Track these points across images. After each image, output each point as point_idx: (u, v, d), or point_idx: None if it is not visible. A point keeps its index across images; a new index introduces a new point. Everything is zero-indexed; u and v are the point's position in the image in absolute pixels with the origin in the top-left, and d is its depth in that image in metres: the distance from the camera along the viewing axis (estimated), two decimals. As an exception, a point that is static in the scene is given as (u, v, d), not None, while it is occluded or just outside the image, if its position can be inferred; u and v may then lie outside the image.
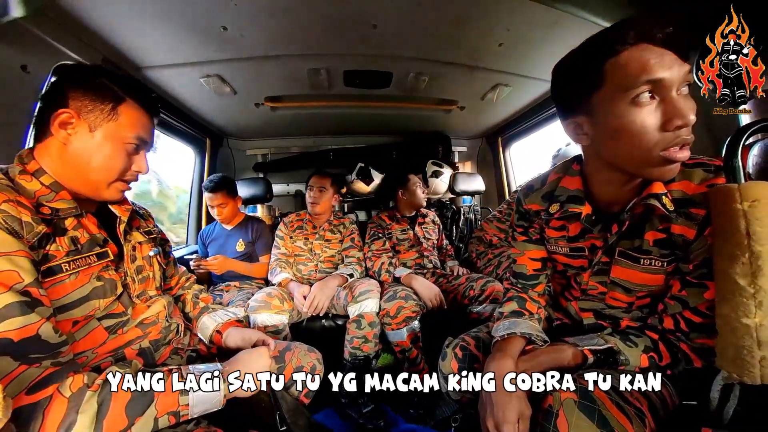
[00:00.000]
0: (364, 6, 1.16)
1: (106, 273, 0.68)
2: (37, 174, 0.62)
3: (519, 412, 0.64)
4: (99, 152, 0.64)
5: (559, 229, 0.81)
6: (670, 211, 0.62)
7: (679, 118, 0.52)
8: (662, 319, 0.69)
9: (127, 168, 0.68)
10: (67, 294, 0.60)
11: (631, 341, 0.68)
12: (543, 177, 0.85)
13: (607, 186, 0.69)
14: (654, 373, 0.62)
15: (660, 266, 0.68)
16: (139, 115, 0.68)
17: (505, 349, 0.74)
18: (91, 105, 0.63)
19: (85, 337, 0.64)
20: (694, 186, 0.62)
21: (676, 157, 0.55)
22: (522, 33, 1.33)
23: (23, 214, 0.55)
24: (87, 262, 0.64)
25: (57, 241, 0.60)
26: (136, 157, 0.70)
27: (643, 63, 0.52)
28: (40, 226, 0.57)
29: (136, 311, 0.74)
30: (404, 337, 1.42)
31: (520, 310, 0.85)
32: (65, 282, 0.60)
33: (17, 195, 0.56)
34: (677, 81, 0.53)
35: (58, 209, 0.62)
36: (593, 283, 0.79)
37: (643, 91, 0.53)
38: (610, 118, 0.57)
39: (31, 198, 0.59)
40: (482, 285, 1.51)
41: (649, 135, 0.54)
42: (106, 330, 0.67)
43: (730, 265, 0.52)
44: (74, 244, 0.63)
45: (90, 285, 0.64)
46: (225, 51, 1.37)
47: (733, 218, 0.51)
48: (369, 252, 1.80)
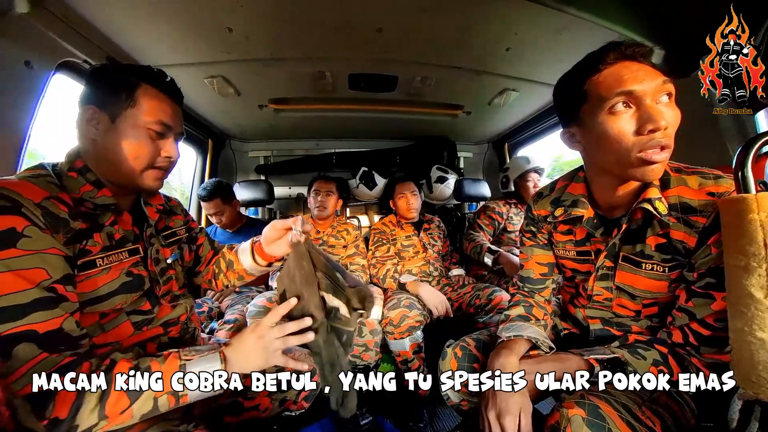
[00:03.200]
0: (370, 9, 1.15)
1: (135, 269, 0.71)
2: (82, 171, 0.66)
3: (521, 405, 0.66)
4: (124, 141, 0.65)
5: (567, 233, 0.85)
6: (663, 215, 0.66)
7: (651, 122, 0.58)
8: (671, 332, 0.69)
9: (156, 154, 0.68)
10: (97, 288, 0.63)
11: (639, 354, 0.67)
12: (552, 184, 0.90)
13: (606, 190, 0.73)
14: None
15: (662, 272, 0.69)
16: (158, 99, 0.68)
17: (510, 347, 0.76)
18: (108, 96, 0.65)
19: (113, 330, 0.67)
20: (692, 192, 0.65)
21: (652, 158, 0.60)
22: (530, 37, 1.30)
23: (62, 210, 0.58)
24: (119, 258, 0.68)
25: (94, 237, 0.63)
26: (163, 142, 0.69)
27: (617, 78, 0.61)
28: (77, 221, 0.60)
29: (161, 311, 0.77)
30: (406, 347, 1.38)
31: (527, 314, 0.87)
32: (98, 276, 0.63)
33: (59, 191, 0.60)
34: (651, 92, 0.59)
35: (98, 205, 0.66)
36: (599, 289, 0.80)
37: (617, 102, 0.60)
38: (594, 126, 0.64)
39: (76, 194, 0.63)
40: (489, 294, 1.48)
41: (625, 138, 0.60)
42: (133, 325, 0.70)
43: (745, 277, 0.50)
44: (110, 239, 0.66)
45: (119, 280, 0.67)
46: (230, 52, 1.37)
47: (749, 229, 0.50)
48: (373, 258, 1.77)
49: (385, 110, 2.03)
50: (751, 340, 0.49)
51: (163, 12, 1.11)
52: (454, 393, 0.87)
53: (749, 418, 0.54)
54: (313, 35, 1.29)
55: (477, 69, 1.56)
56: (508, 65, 1.53)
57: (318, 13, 1.16)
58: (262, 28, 1.23)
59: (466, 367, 0.85)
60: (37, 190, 0.56)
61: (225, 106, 1.87)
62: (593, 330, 0.83)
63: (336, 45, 1.36)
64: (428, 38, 1.32)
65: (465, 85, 1.74)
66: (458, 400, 0.87)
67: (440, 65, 1.53)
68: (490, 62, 1.51)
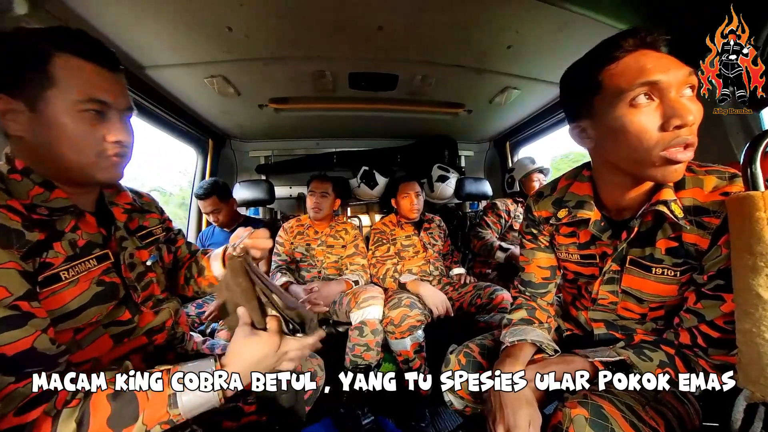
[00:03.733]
0: (370, 8, 1.14)
1: (107, 276, 0.63)
2: (26, 172, 0.55)
3: (530, 418, 0.63)
4: (54, 131, 0.53)
5: (569, 236, 0.80)
6: (679, 219, 0.61)
7: (678, 117, 0.53)
8: (678, 333, 0.67)
9: (100, 140, 0.56)
10: (66, 303, 0.55)
11: (645, 355, 0.65)
12: (553, 183, 0.84)
13: (616, 191, 0.69)
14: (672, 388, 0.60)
15: (673, 276, 0.66)
16: (81, 69, 0.53)
17: (515, 354, 0.74)
18: (17, 78, 0.51)
19: (90, 345, 0.61)
20: (707, 193, 0.61)
21: (677, 157, 0.55)
22: (532, 35, 1.30)
23: (13, 221, 0.49)
24: (87, 267, 0.59)
25: (54, 247, 0.55)
26: (106, 124, 0.56)
27: (639, 67, 0.55)
28: (33, 232, 0.51)
29: (143, 319, 0.70)
30: (407, 346, 1.37)
31: (530, 318, 0.84)
32: (65, 290, 0.55)
33: (8, 198, 0.51)
34: (675, 83, 0.54)
35: (54, 209, 0.56)
36: (604, 293, 0.76)
37: (639, 93, 0.55)
38: (610, 120, 0.58)
39: (25, 199, 0.53)
40: (490, 294, 1.47)
41: (647, 135, 0.55)
42: (112, 338, 0.64)
43: (752, 277, 0.49)
44: (72, 247, 0.58)
45: (90, 291, 0.59)
46: (230, 51, 1.36)
47: (757, 228, 0.49)
48: (373, 258, 1.76)
49: (385, 109, 2.02)
50: (759, 341, 0.48)
51: (162, 12, 1.10)
52: (458, 399, 0.84)
53: (753, 417, 0.53)
54: (314, 34, 1.28)
55: (478, 67, 1.55)
56: (510, 63, 1.52)
57: (318, 12, 1.16)
58: (262, 27, 1.23)
59: None
60: None
61: (225, 105, 1.87)
62: (597, 334, 0.80)
63: (336, 44, 1.35)
64: (429, 36, 1.31)
65: (466, 84, 1.73)
66: (462, 406, 0.85)
67: (441, 64, 1.52)
68: (491, 60, 1.50)
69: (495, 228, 1.97)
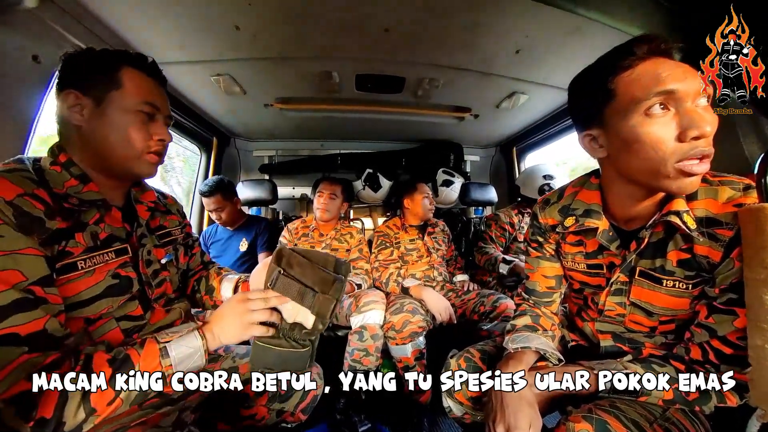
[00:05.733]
0: (377, 9, 1.14)
1: (123, 270, 0.66)
2: (66, 165, 0.62)
3: (530, 419, 0.63)
4: (113, 124, 0.63)
5: (576, 245, 0.79)
6: (692, 230, 0.60)
7: (695, 128, 0.52)
8: (689, 348, 0.65)
9: (148, 138, 0.67)
10: (79, 292, 0.59)
11: (654, 371, 0.63)
12: (560, 191, 0.83)
13: (626, 201, 0.67)
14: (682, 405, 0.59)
15: (684, 289, 0.64)
16: (142, 79, 0.66)
17: (518, 358, 0.74)
18: (90, 80, 0.63)
19: (101, 338, 0.63)
20: (720, 205, 0.59)
21: (693, 170, 0.54)
22: (541, 39, 1.28)
23: (37, 209, 0.54)
24: (104, 259, 0.63)
25: (76, 237, 0.59)
26: (153, 125, 0.68)
27: (654, 76, 0.54)
28: (53, 221, 0.55)
29: (154, 316, 0.73)
30: (408, 353, 1.35)
31: (534, 325, 0.83)
32: (79, 280, 0.59)
33: (35, 188, 0.55)
34: (692, 92, 0.53)
35: (84, 200, 0.61)
36: (611, 304, 0.75)
37: (655, 102, 0.54)
38: (624, 129, 0.57)
39: (60, 189, 0.59)
40: (494, 301, 1.44)
41: (663, 146, 0.54)
42: (123, 332, 0.66)
43: (765, 292, 0.48)
44: (93, 239, 0.62)
45: (104, 283, 0.62)
46: (237, 50, 1.36)
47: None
48: (376, 262, 1.74)
49: (391, 112, 2.01)
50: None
51: (171, 9, 1.11)
52: (457, 405, 0.83)
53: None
54: (321, 35, 1.27)
55: (485, 71, 1.54)
56: (518, 68, 1.51)
57: (326, 13, 1.15)
58: (269, 27, 1.23)
59: None
60: (10, 186, 0.52)
61: (230, 104, 1.87)
62: (603, 346, 0.78)
63: (343, 45, 1.34)
64: (436, 39, 1.30)
65: (473, 88, 1.72)
66: (461, 413, 0.83)
67: (448, 67, 1.51)
68: (498, 64, 1.49)
69: (499, 242, 1.93)
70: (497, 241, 1.92)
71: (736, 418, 0.60)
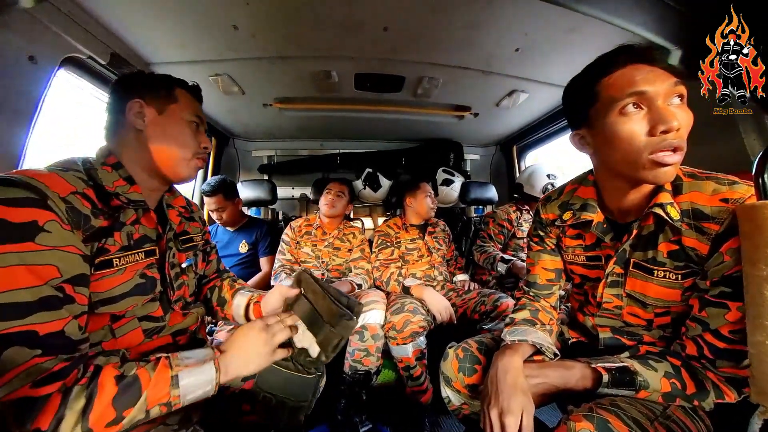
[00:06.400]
0: (377, 8, 1.13)
1: (149, 271, 0.70)
2: (116, 167, 0.68)
3: (523, 405, 0.66)
4: (174, 130, 0.73)
5: (576, 238, 0.84)
6: (675, 220, 0.65)
7: (663, 123, 0.58)
8: (684, 345, 0.67)
9: (197, 144, 0.77)
10: (111, 288, 0.62)
11: (650, 365, 0.65)
12: (561, 188, 0.89)
13: (616, 194, 0.73)
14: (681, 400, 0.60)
15: (675, 279, 0.68)
16: (190, 97, 0.78)
17: (515, 349, 0.77)
18: (153, 93, 0.72)
19: (123, 336, 0.66)
20: (706, 197, 0.64)
21: (665, 160, 0.59)
22: (540, 37, 1.28)
23: (85, 207, 0.58)
24: (135, 259, 0.67)
25: (114, 236, 0.63)
26: (199, 134, 0.78)
27: (629, 79, 0.61)
28: (98, 219, 0.60)
29: (172, 318, 0.76)
30: (409, 353, 1.35)
31: (533, 319, 0.86)
32: (113, 276, 0.63)
33: (85, 187, 0.60)
34: (662, 93, 0.59)
35: (131, 200, 0.67)
36: (608, 296, 0.78)
37: (629, 102, 0.60)
38: (604, 127, 0.64)
39: (110, 187, 0.65)
40: (494, 301, 1.44)
41: (636, 140, 0.60)
42: (144, 333, 0.70)
43: (765, 287, 0.49)
44: (128, 239, 0.66)
45: (133, 281, 0.66)
46: (236, 50, 1.36)
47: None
48: (376, 261, 1.74)
49: (391, 111, 2.01)
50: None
51: (169, 8, 1.10)
52: (455, 394, 0.86)
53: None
54: (320, 34, 1.27)
55: (485, 69, 1.54)
56: (518, 66, 1.51)
57: (324, 12, 1.15)
58: (268, 27, 1.22)
59: (467, 368, 0.85)
60: (65, 184, 0.56)
61: (229, 104, 1.87)
62: (603, 338, 0.81)
63: (342, 44, 1.34)
64: (436, 38, 1.29)
65: (473, 86, 1.71)
66: (459, 403, 0.87)
67: (448, 65, 1.50)
68: (498, 63, 1.48)
69: (497, 239, 1.93)
70: (495, 239, 1.92)
71: (737, 415, 0.60)
